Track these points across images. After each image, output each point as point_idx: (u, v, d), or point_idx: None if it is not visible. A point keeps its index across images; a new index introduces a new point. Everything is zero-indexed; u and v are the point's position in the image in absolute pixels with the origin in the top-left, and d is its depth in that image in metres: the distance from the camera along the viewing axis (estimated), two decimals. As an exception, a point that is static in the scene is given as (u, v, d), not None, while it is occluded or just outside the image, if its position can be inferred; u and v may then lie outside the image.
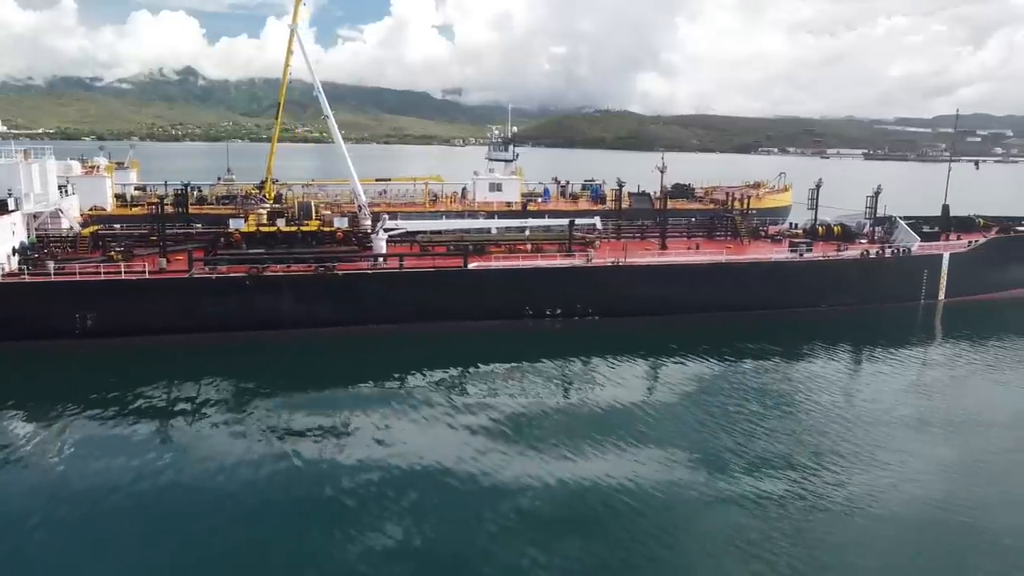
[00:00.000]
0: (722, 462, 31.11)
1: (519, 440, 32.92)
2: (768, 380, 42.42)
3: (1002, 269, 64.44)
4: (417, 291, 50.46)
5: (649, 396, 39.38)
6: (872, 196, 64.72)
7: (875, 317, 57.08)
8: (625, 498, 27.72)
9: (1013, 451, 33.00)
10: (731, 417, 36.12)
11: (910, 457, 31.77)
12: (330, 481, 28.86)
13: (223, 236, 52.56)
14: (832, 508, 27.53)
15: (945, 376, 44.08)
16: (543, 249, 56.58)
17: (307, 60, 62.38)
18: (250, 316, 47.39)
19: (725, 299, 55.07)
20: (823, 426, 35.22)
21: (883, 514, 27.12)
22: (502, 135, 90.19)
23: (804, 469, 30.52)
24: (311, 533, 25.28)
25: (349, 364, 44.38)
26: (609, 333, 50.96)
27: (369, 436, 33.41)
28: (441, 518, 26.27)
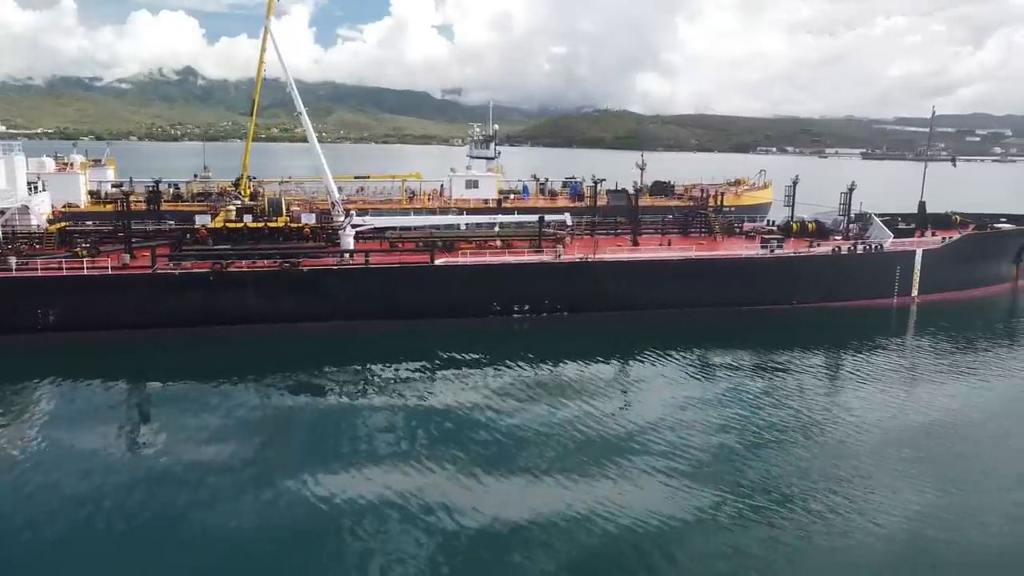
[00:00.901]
0: (692, 463, 30.42)
1: (483, 440, 32.36)
2: (736, 377, 42.28)
3: (976, 266, 64.38)
4: (383, 287, 50.41)
5: (612, 393, 39.03)
6: (846, 193, 64.66)
7: (846, 314, 56.95)
8: (593, 501, 26.96)
9: (985, 451, 32.38)
10: (698, 415, 35.64)
11: (883, 458, 31.27)
12: (288, 478, 28.44)
13: (189, 232, 52.54)
14: (804, 511, 26.86)
15: (911, 374, 43.73)
16: (513, 245, 56.56)
17: (280, 57, 62.32)
18: (214, 312, 47.37)
19: (695, 295, 54.98)
20: (791, 425, 34.68)
21: (858, 517, 26.55)
22: (484, 133, 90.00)
23: (777, 470, 29.96)
24: (276, 534, 24.90)
25: (311, 360, 43.90)
26: (576, 330, 50.88)
27: (329, 434, 32.93)
28: (403, 522, 25.61)
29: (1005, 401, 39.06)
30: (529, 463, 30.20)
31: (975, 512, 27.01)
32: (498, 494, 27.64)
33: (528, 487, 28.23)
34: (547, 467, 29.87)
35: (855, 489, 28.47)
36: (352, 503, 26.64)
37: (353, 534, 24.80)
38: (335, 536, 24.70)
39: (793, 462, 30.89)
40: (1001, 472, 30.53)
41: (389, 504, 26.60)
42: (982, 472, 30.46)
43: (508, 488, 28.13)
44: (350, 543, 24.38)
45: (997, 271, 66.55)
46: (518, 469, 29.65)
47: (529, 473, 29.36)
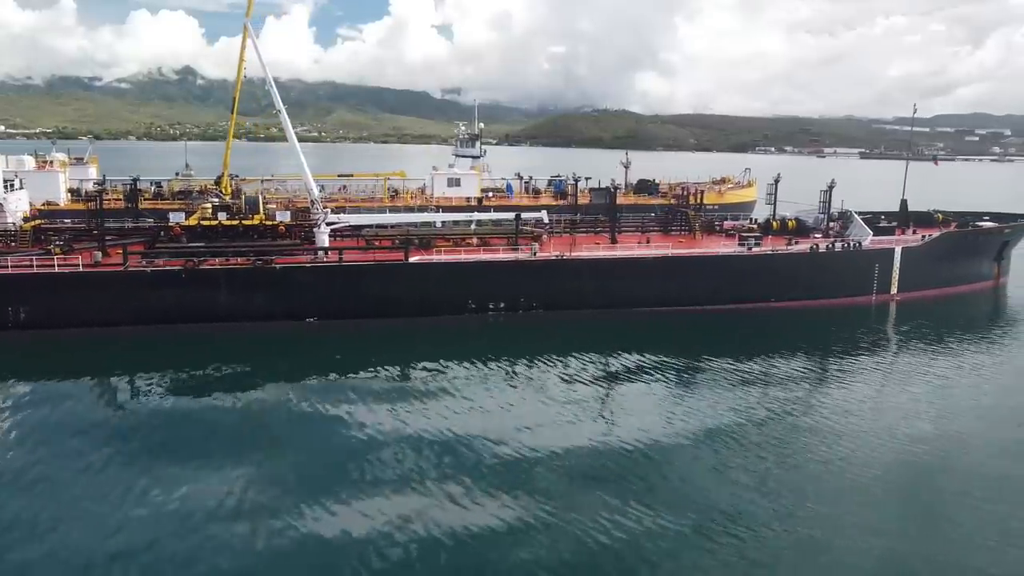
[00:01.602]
0: (668, 464, 30.23)
1: (455, 440, 32.07)
2: (709, 375, 42.21)
3: (957, 264, 64.29)
4: (356, 285, 50.32)
5: (584, 392, 38.90)
6: (826, 191, 64.63)
7: (824, 311, 56.87)
8: (566, 502, 26.84)
9: (961, 449, 32.22)
10: (672, 416, 35.45)
11: (861, 456, 31.18)
12: (258, 477, 28.34)
13: (163, 230, 52.49)
14: (781, 515, 26.64)
15: (879, 372, 43.70)
16: (490, 243, 56.50)
17: (259, 56, 62.28)
18: (186, 310, 47.30)
19: (671, 293, 54.87)
20: (766, 425, 34.48)
21: (837, 523, 26.31)
22: (469, 132, 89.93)
23: (755, 472, 29.71)
24: (240, 532, 24.79)
25: (282, 358, 44.04)
26: (550, 328, 50.78)
27: (301, 433, 32.80)
28: (376, 520, 25.49)
29: (975, 400, 38.89)
30: (500, 463, 29.95)
31: (958, 515, 26.93)
32: (471, 496, 27.34)
33: (499, 488, 27.87)
34: (519, 467, 29.64)
35: (833, 493, 28.31)
36: (326, 504, 26.43)
37: (326, 536, 24.57)
38: (308, 536, 24.61)
39: (767, 460, 30.82)
40: (981, 472, 30.30)
41: (361, 505, 26.50)
42: (959, 474, 30.24)
43: (480, 490, 27.77)
44: (323, 544, 24.17)
45: (978, 269, 66.43)
46: (488, 470, 29.36)
47: (500, 473, 29.10)
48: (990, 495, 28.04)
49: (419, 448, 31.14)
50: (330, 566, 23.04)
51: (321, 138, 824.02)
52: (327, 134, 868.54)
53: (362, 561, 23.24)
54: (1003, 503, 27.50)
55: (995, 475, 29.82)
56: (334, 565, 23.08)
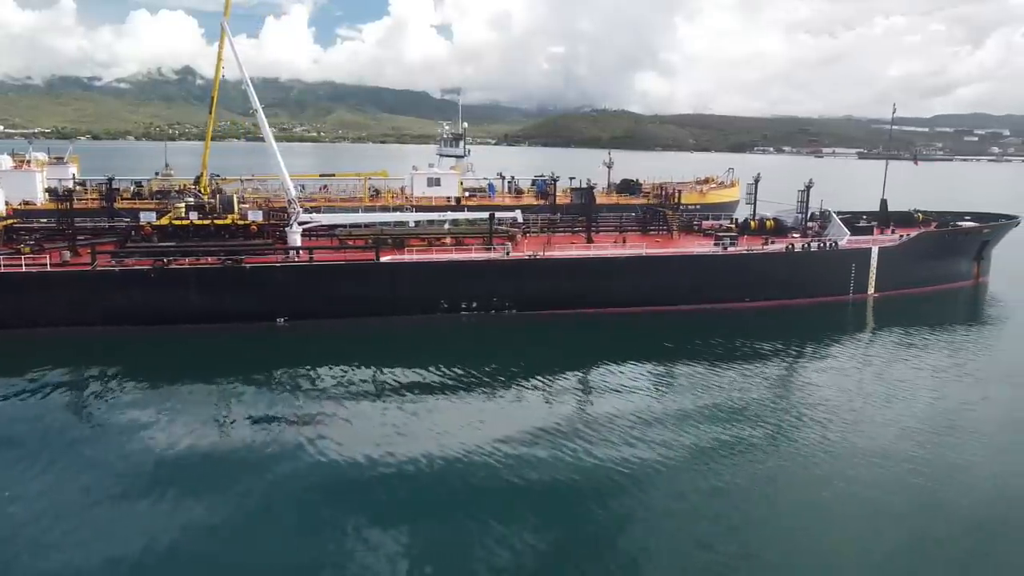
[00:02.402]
0: (640, 465, 29.93)
1: (426, 441, 31.86)
2: (681, 374, 42.09)
3: (933, 263, 64.18)
4: (327, 285, 50.20)
5: (555, 392, 38.74)
6: (803, 191, 64.56)
7: (800, 311, 56.78)
8: (536, 509, 26.61)
9: (933, 453, 31.81)
10: (643, 415, 35.21)
11: (834, 458, 31.05)
12: (227, 480, 28.23)
13: (134, 230, 52.43)
14: (755, 510, 26.80)
15: (857, 373, 43.46)
16: (464, 243, 56.41)
17: (236, 56, 62.09)
18: (155, 310, 47.21)
19: (646, 293, 54.77)
20: (741, 426, 34.21)
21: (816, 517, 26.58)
22: (452, 131, 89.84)
23: (732, 474, 29.51)
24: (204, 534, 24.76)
25: (251, 358, 43.87)
26: (522, 328, 50.71)
27: (271, 437, 32.35)
28: (345, 529, 25.27)
29: (935, 398, 38.79)
30: (472, 464, 29.75)
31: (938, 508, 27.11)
32: (440, 496, 27.25)
33: (471, 489, 27.76)
34: (491, 468, 29.41)
35: (810, 491, 28.38)
36: (298, 509, 26.27)
37: (297, 541, 24.45)
38: (280, 539, 24.54)
39: (738, 459, 30.76)
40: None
41: (332, 511, 26.25)
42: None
43: (450, 491, 27.62)
44: (298, 548, 24.07)
45: (957, 269, 66.35)
46: (461, 470, 29.16)
47: (472, 474, 28.91)
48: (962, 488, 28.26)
49: (389, 449, 30.97)
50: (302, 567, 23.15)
51: (320, 138, 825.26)
52: (326, 134, 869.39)
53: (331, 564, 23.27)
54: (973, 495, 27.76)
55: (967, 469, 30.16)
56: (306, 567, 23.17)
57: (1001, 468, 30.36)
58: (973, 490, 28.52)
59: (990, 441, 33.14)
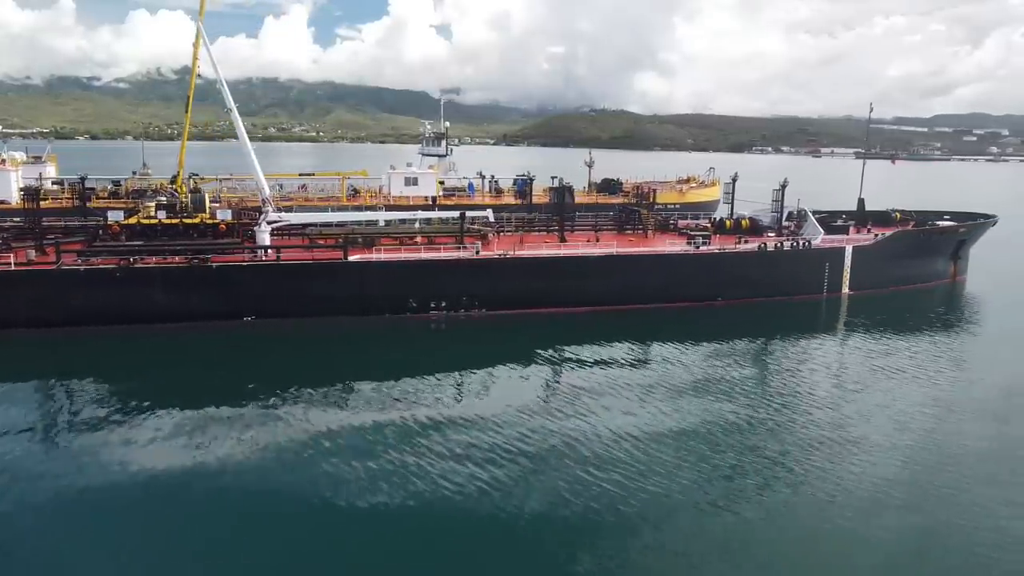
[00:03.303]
0: (610, 466, 29.78)
1: (393, 443, 31.71)
2: (648, 372, 42.09)
3: (909, 263, 64.13)
4: (294, 284, 50.11)
5: (522, 392, 38.57)
6: (778, 189, 64.48)
7: (772, 310, 56.68)
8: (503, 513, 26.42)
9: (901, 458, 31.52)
10: (610, 415, 35.22)
11: (798, 460, 30.89)
12: (185, 483, 28.07)
13: (101, 229, 52.37)
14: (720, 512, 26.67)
15: (810, 372, 43.40)
16: (436, 242, 56.36)
17: (211, 56, 62.20)
18: (121, 309, 47.07)
19: (616, 292, 54.74)
20: (707, 427, 34.14)
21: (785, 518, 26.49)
22: (434, 131, 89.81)
23: (704, 468, 29.64)
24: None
25: (216, 357, 43.86)
26: (491, 327, 50.64)
27: (238, 438, 32.14)
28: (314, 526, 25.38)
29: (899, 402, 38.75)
30: (440, 467, 29.55)
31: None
32: (402, 497, 27.11)
33: (439, 493, 27.54)
34: (458, 471, 29.17)
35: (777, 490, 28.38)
36: (267, 514, 26.15)
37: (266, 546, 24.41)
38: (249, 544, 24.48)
39: (702, 458, 30.77)
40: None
41: (293, 509, 26.29)
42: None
43: (415, 491, 27.53)
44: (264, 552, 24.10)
45: (934, 268, 66.30)
46: (428, 475, 28.92)
47: (440, 479, 28.64)
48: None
49: (353, 448, 30.96)
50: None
51: (319, 138, 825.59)
52: (325, 134, 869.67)
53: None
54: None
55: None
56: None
57: (974, 470, 30.25)
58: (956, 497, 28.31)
59: (959, 438, 33.24)
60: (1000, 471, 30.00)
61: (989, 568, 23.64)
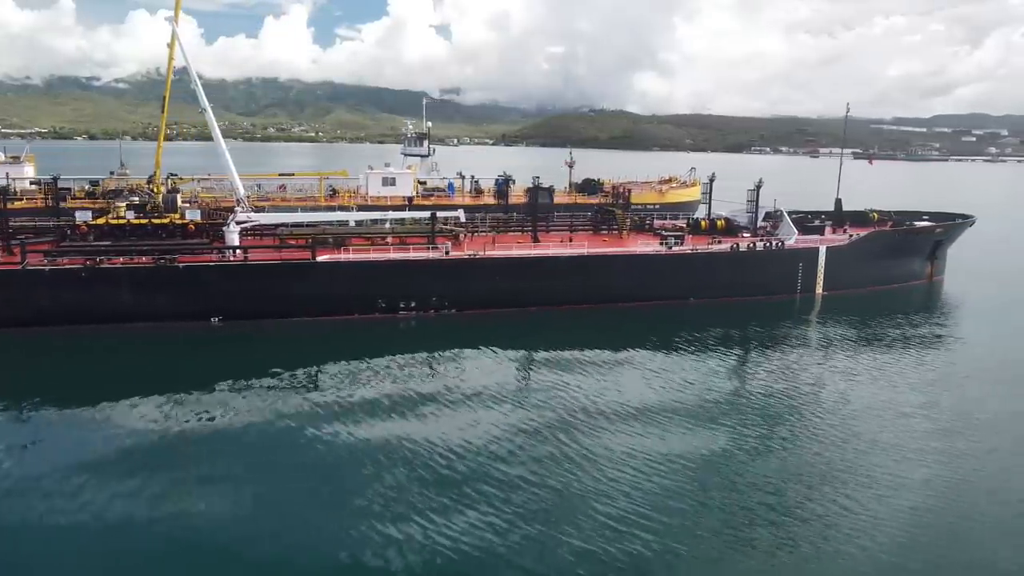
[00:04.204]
0: (575, 468, 29.71)
1: (358, 439, 31.89)
2: (614, 372, 42.17)
3: (887, 263, 64.09)
4: (262, 284, 50.08)
5: (486, 393, 38.31)
6: (753, 190, 64.41)
7: (742, 310, 56.53)
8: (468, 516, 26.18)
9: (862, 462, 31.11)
10: (577, 415, 35.22)
11: (761, 461, 30.73)
12: (147, 485, 27.84)
13: (70, 229, 52.38)
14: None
15: (779, 375, 43.31)
16: (407, 242, 56.33)
17: (185, 57, 62.31)
18: (87, 310, 47.00)
19: (587, 291, 54.75)
20: (669, 426, 34.18)
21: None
22: (416, 131, 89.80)
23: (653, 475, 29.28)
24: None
25: (181, 358, 43.69)
26: (460, 328, 50.53)
27: (206, 441, 32.11)
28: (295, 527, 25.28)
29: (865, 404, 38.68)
30: (413, 465, 29.61)
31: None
32: (371, 498, 27.03)
33: (409, 494, 27.49)
34: (425, 472, 29.14)
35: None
36: (238, 520, 25.90)
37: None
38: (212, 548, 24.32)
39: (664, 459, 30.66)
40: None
41: (259, 512, 26.29)
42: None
43: (385, 492, 27.45)
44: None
45: (909, 268, 66.21)
46: (401, 471, 28.97)
47: (410, 479, 28.63)
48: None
49: (322, 449, 31.00)
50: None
51: (318, 138, 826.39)
52: (324, 134, 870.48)
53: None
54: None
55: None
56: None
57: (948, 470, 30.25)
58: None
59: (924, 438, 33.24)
60: (980, 479, 29.74)
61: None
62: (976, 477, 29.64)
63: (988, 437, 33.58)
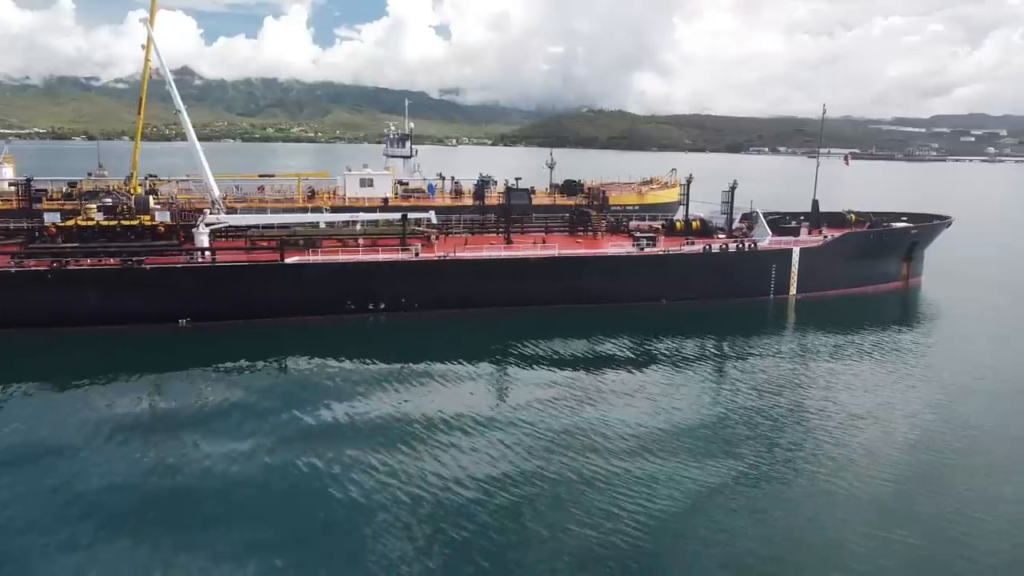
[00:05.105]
0: (532, 468, 29.88)
1: (328, 441, 32.07)
2: (572, 371, 42.43)
3: (862, 264, 64.00)
4: (230, 286, 50.06)
5: (450, 393, 38.77)
6: (728, 191, 64.36)
7: (713, 311, 56.55)
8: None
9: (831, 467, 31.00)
10: (538, 414, 35.58)
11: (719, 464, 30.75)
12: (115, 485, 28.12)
13: (38, 231, 52.40)
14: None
15: (740, 378, 43.25)
16: (379, 243, 56.34)
17: (160, 59, 62.39)
18: (53, 312, 46.99)
19: (557, 292, 54.74)
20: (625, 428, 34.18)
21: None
22: (399, 132, 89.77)
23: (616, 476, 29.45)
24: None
25: (146, 361, 43.61)
26: (429, 328, 50.49)
27: (173, 442, 32.00)
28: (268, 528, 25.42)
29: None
30: (377, 463, 29.94)
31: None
32: (343, 499, 27.28)
33: (378, 490, 27.86)
34: (394, 468, 29.51)
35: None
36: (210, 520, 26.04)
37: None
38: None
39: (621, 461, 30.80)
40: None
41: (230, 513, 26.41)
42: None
43: (357, 493, 27.71)
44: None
45: (885, 269, 66.09)
46: (364, 473, 29.17)
47: (380, 474, 29.00)
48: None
49: (291, 451, 31.07)
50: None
51: (317, 138, 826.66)
52: (324, 134, 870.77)
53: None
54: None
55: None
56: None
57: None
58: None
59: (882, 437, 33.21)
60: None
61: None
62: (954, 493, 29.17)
63: (949, 442, 33.57)
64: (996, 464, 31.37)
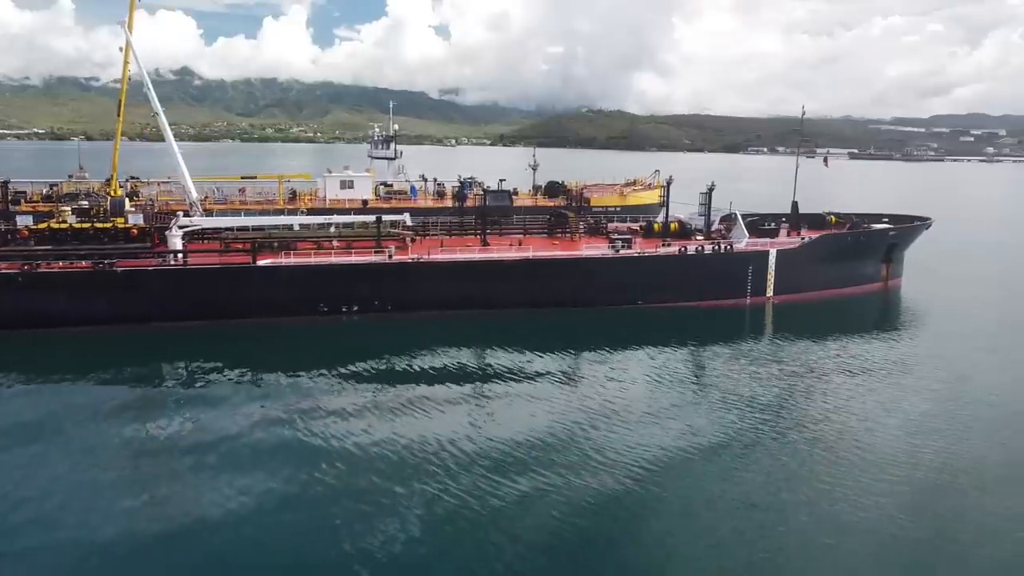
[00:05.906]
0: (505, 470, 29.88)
1: (302, 442, 32.23)
2: (549, 372, 42.61)
3: (840, 266, 63.87)
4: (201, 288, 50.11)
5: (419, 395, 38.69)
6: (705, 193, 64.31)
7: (688, 313, 56.54)
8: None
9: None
10: (508, 414, 35.92)
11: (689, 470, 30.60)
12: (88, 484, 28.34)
13: (10, 233, 52.43)
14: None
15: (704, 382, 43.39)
16: (354, 245, 56.34)
17: (137, 61, 62.51)
18: (23, 314, 47.00)
19: (532, 295, 54.68)
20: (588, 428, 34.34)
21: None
22: (383, 133, 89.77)
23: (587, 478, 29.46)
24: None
25: (117, 363, 43.53)
26: (402, 330, 50.41)
27: (136, 440, 32.38)
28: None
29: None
30: (344, 464, 30.06)
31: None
32: (319, 502, 27.34)
33: (341, 488, 28.06)
34: (361, 467, 29.72)
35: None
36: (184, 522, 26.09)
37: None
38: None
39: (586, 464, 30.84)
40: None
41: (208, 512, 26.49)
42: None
43: (333, 493, 27.86)
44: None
45: (863, 271, 65.98)
46: (338, 473, 29.33)
47: (340, 473, 29.21)
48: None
49: (260, 450, 31.23)
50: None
51: (316, 139, 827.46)
52: (323, 134, 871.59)
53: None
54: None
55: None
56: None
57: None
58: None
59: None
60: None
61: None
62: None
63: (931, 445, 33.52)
64: (983, 467, 31.34)
